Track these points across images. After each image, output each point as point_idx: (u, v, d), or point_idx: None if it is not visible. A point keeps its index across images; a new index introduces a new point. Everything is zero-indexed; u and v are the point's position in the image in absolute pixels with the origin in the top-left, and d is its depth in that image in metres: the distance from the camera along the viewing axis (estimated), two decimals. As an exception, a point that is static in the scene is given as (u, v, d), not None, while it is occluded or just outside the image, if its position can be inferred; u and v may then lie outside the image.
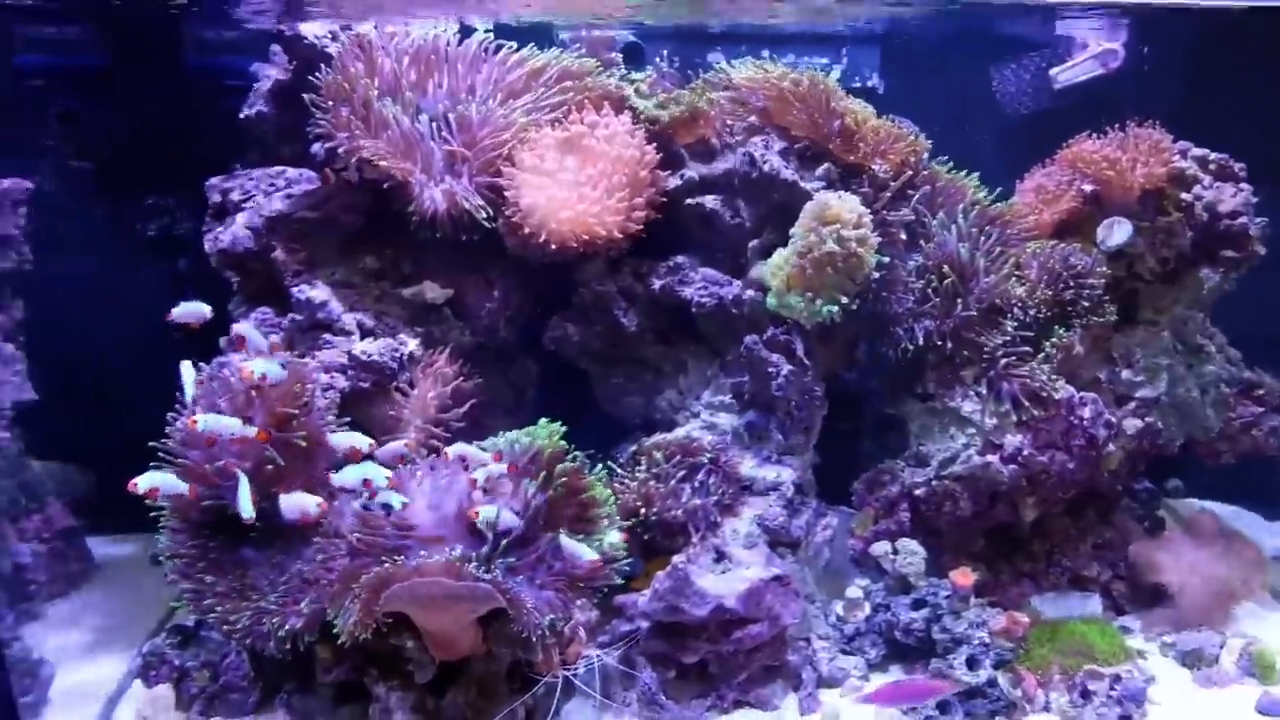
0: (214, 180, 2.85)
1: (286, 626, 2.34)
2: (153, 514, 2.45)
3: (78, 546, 3.23)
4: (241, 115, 2.89)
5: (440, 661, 2.43)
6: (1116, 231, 2.69)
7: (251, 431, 2.28)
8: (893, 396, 2.96)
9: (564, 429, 2.38)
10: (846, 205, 2.51)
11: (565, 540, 2.26)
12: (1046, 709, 2.65)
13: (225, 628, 2.41)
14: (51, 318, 3.09)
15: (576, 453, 2.38)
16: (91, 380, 3.33)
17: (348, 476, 2.28)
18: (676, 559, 2.53)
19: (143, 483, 2.30)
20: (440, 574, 2.22)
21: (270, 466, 2.42)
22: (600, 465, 2.45)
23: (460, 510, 2.35)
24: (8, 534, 2.90)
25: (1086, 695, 2.65)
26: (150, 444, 2.46)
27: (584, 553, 2.23)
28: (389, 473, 2.31)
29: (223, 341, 2.87)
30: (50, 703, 2.59)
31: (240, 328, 2.31)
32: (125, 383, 3.30)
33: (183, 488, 2.32)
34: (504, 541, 2.32)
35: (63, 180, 3.14)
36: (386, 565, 2.25)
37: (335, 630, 2.28)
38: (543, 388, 3.12)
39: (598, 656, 2.57)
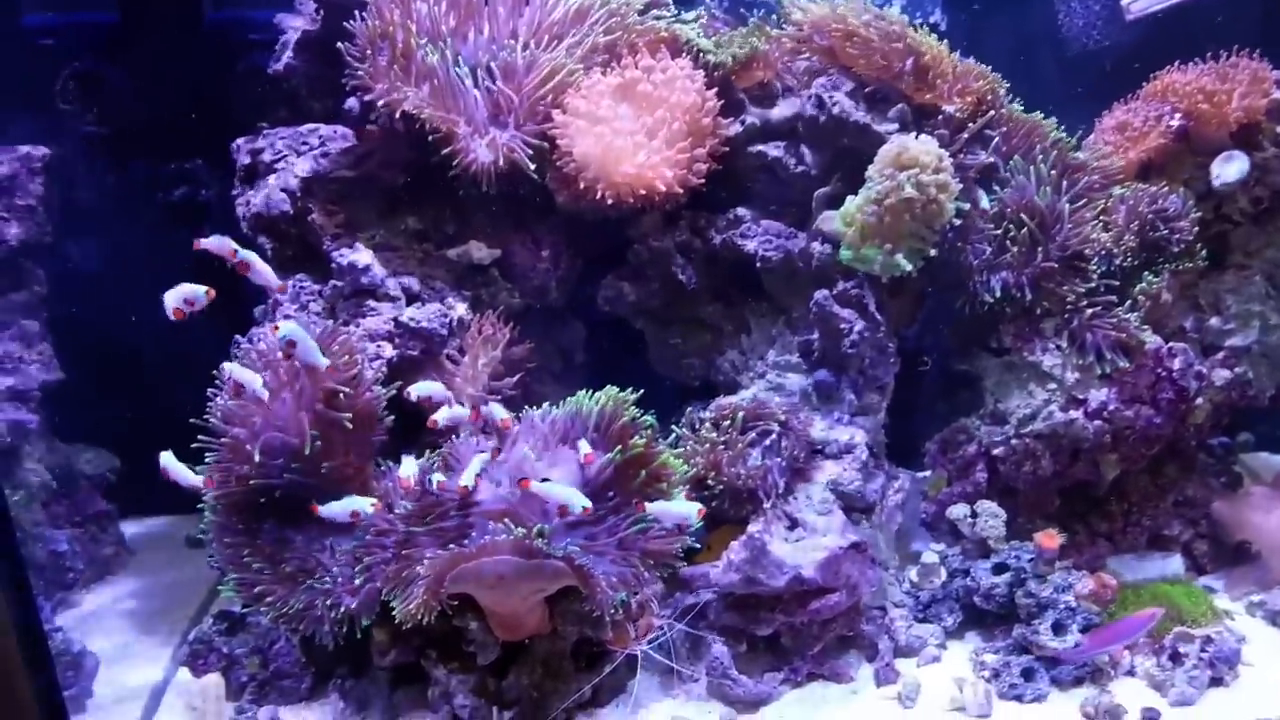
0: (241, 141, 2.68)
1: (341, 609, 2.21)
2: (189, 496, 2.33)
3: (111, 531, 3.11)
4: (269, 70, 2.71)
5: (503, 641, 2.31)
6: (1234, 165, 2.51)
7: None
8: (963, 352, 2.81)
9: (633, 395, 2.23)
10: (925, 148, 2.34)
11: (655, 505, 2.12)
12: (1131, 673, 2.53)
13: (276, 615, 2.28)
14: (73, 292, 2.94)
15: (647, 418, 2.23)
16: (116, 358, 3.19)
17: (334, 510, 2.17)
18: (752, 528, 2.39)
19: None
20: (509, 552, 2.09)
21: (320, 444, 2.28)
22: (671, 433, 2.31)
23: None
24: (41, 520, 2.76)
25: (1176, 658, 2.52)
26: (181, 423, 2.33)
27: (679, 509, 2.09)
28: (373, 501, 2.19)
29: (257, 312, 2.73)
30: (94, 695, 2.48)
31: (289, 329, 2.12)
32: (152, 359, 3.16)
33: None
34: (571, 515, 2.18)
35: (80, 146, 2.96)
36: (452, 546, 2.12)
37: (393, 612, 2.16)
38: (592, 351, 2.97)
39: (667, 630, 2.45)
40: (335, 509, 2.17)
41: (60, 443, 3.04)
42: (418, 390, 2.28)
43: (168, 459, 2.26)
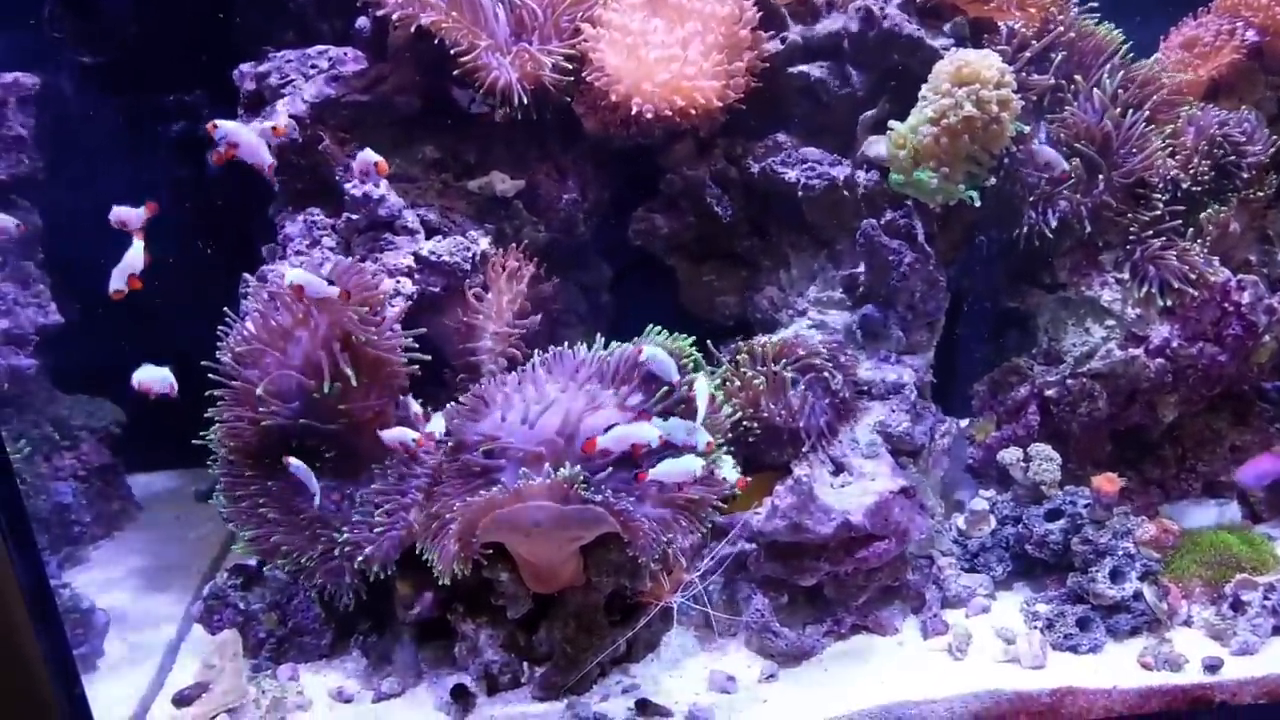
0: (245, 66, 2.50)
1: (361, 558, 2.09)
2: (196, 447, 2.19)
3: (117, 485, 2.98)
4: (273, -12, 2.52)
5: (533, 594, 2.19)
6: None
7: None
8: (1013, 288, 2.66)
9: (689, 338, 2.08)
10: (987, 61, 2.17)
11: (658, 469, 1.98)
12: (1188, 623, 2.42)
13: (293, 568, 2.16)
14: (68, 231, 2.77)
15: (694, 353, 2.09)
16: (114, 302, 3.04)
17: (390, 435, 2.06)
18: (798, 471, 2.26)
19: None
20: (545, 496, 1.96)
21: (337, 385, 2.14)
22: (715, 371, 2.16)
23: (562, 424, 2.07)
24: (44, 473, 2.62)
25: (1238, 606, 2.41)
26: (189, 371, 2.18)
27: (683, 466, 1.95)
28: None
29: (265, 250, 2.58)
30: (105, 654, 2.36)
31: (296, 275, 2.00)
32: (155, 305, 3.00)
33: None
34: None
35: (72, 76, 2.78)
36: (484, 491, 1.98)
37: (427, 563, 2.03)
38: (618, 289, 2.81)
39: (702, 582, 2.33)
40: (390, 435, 2.06)
41: (61, 393, 2.89)
42: None
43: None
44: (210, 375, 2.19)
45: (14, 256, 2.61)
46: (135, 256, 2.02)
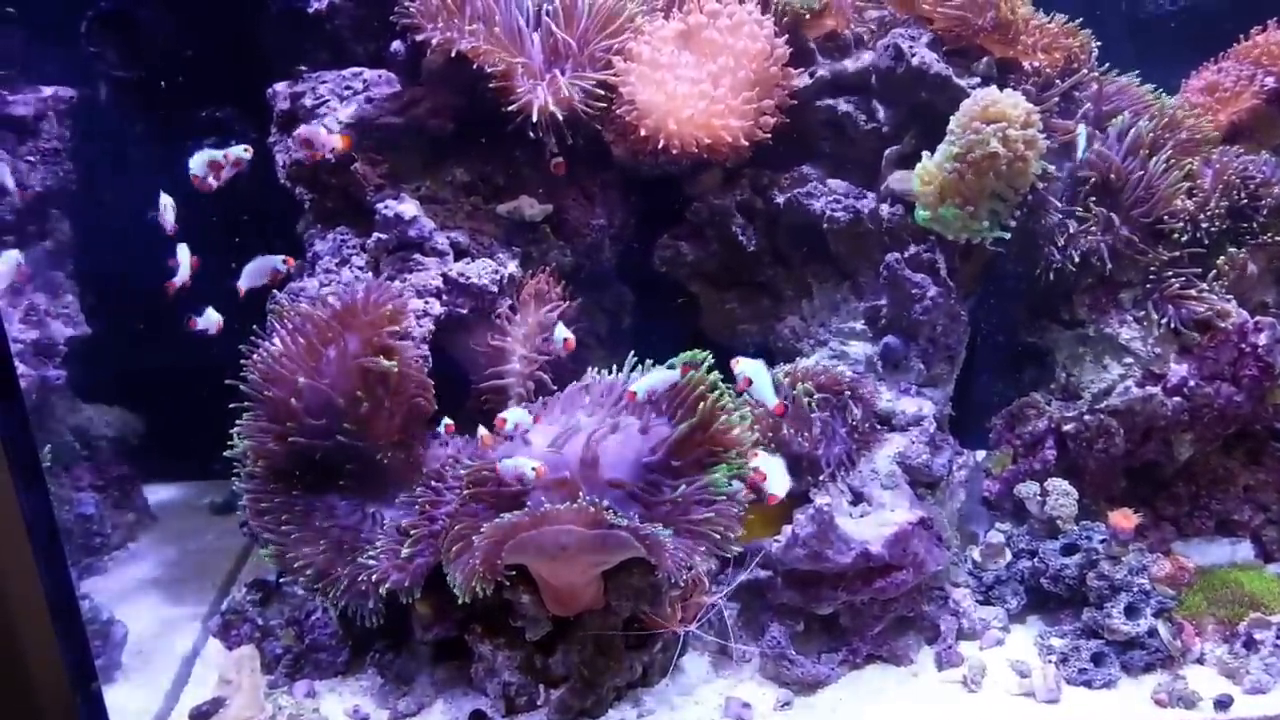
0: (280, 86, 2.54)
1: (389, 583, 2.10)
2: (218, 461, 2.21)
3: (133, 495, 2.99)
4: (309, 10, 2.55)
5: (552, 616, 2.20)
6: None
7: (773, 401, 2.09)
8: (1031, 323, 2.69)
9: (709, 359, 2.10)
10: (1014, 101, 2.21)
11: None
12: (1201, 661, 2.43)
13: (317, 587, 2.17)
14: (99, 244, 2.80)
15: (717, 382, 2.11)
16: (141, 313, 3.06)
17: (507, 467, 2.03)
18: (819, 500, 2.27)
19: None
20: (573, 521, 1.97)
21: (365, 404, 2.16)
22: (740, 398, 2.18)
23: (588, 450, 2.09)
24: (65, 483, 2.64)
25: (1251, 645, 2.43)
26: (209, 384, 2.21)
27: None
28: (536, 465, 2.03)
29: (293, 266, 2.60)
30: (123, 666, 2.36)
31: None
32: (178, 318, 3.03)
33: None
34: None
35: (108, 90, 2.81)
36: (511, 513, 2.00)
37: (449, 584, 2.04)
38: (639, 315, 2.84)
39: (718, 608, 2.35)
40: (508, 466, 2.03)
41: (82, 402, 2.91)
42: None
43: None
44: (229, 390, 2.20)
45: (44, 267, 2.63)
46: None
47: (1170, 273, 2.43)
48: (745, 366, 2.10)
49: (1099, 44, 2.58)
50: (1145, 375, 2.47)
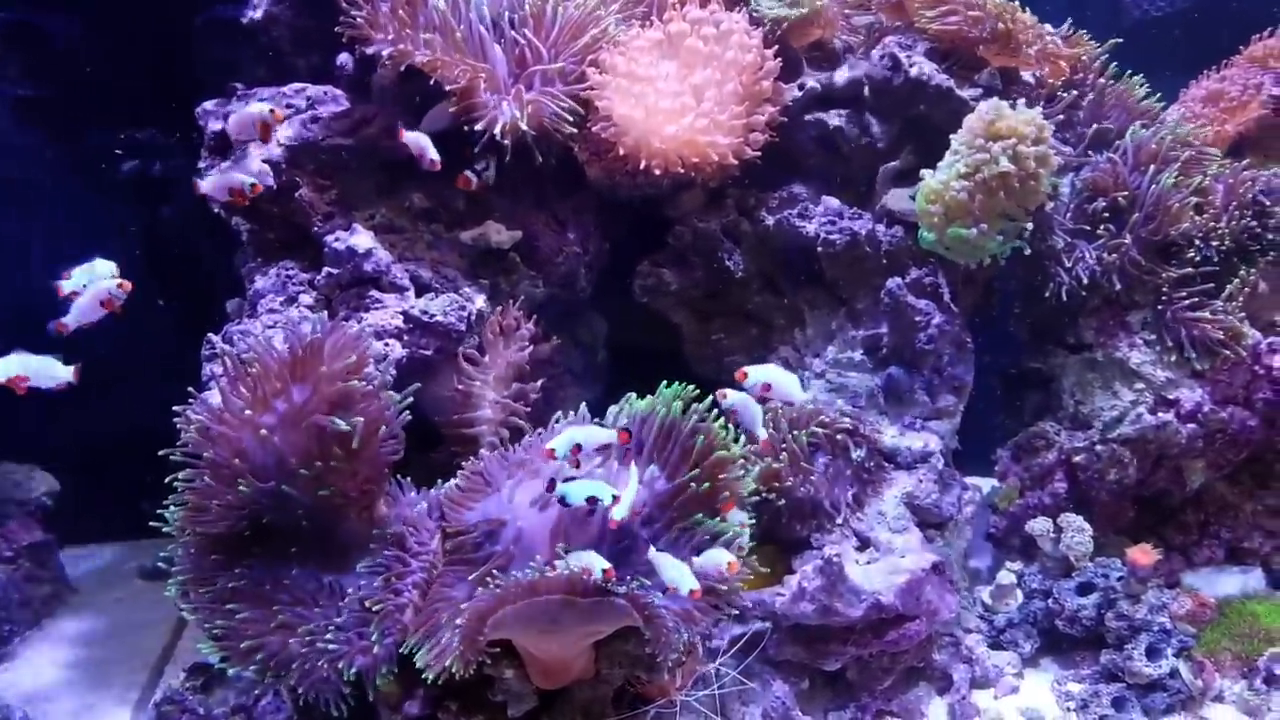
0: (210, 105, 2.27)
1: (354, 669, 1.83)
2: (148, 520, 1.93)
3: (49, 564, 2.66)
4: (242, 19, 2.29)
5: (537, 689, 1.97)
6: None
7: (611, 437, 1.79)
8: (1036, 348, 2.54)
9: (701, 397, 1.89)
10: (1024, 116, 2.06)
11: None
12: (1220, 699, 2.31)
13: (270, 675, 1.89)
14: (3, 283, 2.48)
15: (718, 427, 1.90)
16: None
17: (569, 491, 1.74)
18: (828, 551, 2.08)
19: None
20: (564, 589, 1.74)
21: (319, 463, 1.89)
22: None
23: (578, 508, 1.86)
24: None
25: (1272, 681, 2.31)
26: (137, 439, 1.93)
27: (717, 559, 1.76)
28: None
29: (231, 306, 2.32)
30: (39, 771, 2.06)
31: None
32: (100, 362, 2.71)
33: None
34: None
35: (12, 111, 2.49)
36: (494, 584, 1.76)
37: (417, 664, 1.80)
38: (616, 347, 2.62)
39: (714, 677, 2.14)
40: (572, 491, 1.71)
41: (-11, 463, 2.58)
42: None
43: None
44: (155, 441, 1.92)
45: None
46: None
47: (1182, 292, 2.30)
48: (734, 399, 1.90)
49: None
50: (1158, 401, 2.35)
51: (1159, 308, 2.33)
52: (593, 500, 1.74)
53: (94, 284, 1.86)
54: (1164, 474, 2.47)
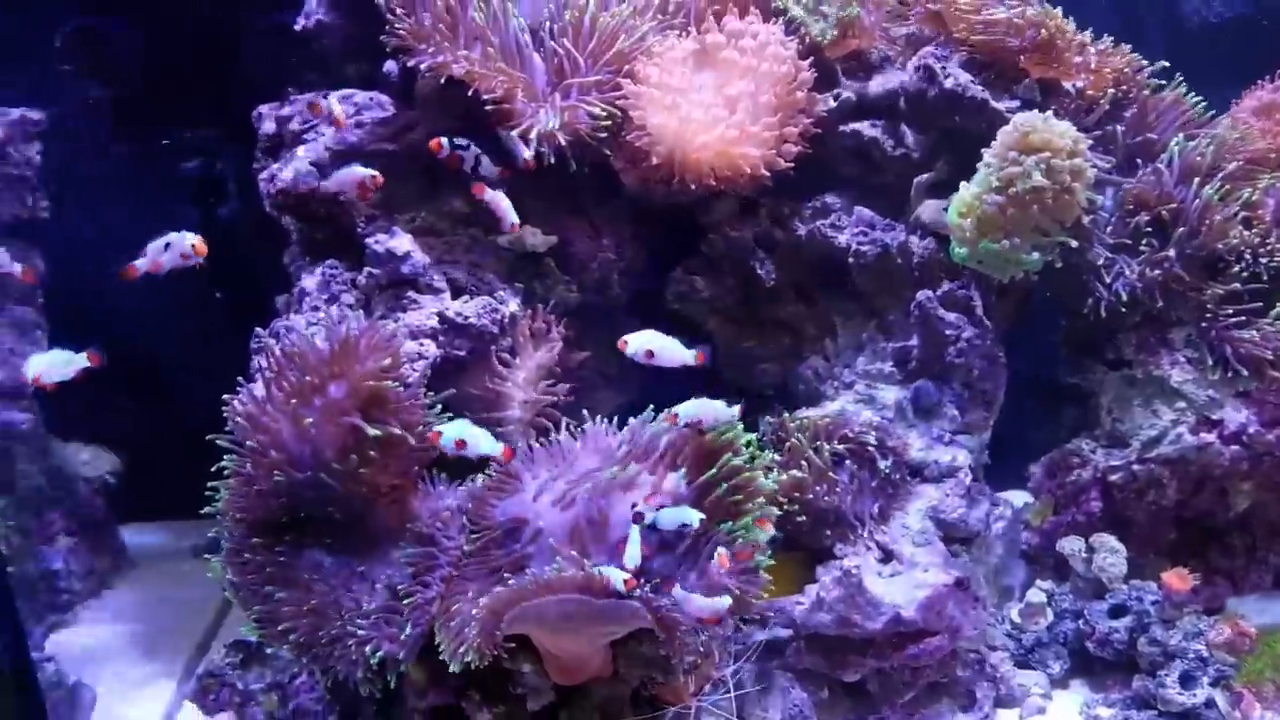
0: (265, 108, 2.37)
1: (380, 654, 1.92)
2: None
3: (109, 539, 2.82)
4: (296, 27, 2.38)
5: (555, 685, 2.02)
6: None
7: (498, 450, 1.90)
8: (1073, 363, 2.50)
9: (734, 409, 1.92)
10: (1059, 128, 2.03)
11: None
12: (1260, 729, 2.24)
13: (303, 655, 1.99)
14: (73, 276, 2.62)
15: (744, 433, 1.93)
16: (119, 347, 2.89)
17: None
18: (847, 562, 2.10)
19: None
20: (578, 589, 1.79)
21: (353, 457, 1.98)
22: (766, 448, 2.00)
23: (597, 507, 1.91)
24: (33, 530, 2.46)
25: (1315, 714, 2.24)
26: (191, 419, 2.03)
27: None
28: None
29: (280, 301, 2.43)
30: (91, 734, 2.19)
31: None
32: (159, 351, 2.86)
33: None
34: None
35: (82, 112, 2.64)
36: (511, 580, 1.82)
37: (440, 653, 1.87)
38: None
39: (730, 682, 2.17)
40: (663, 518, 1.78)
41: (57, 441, 2.74)
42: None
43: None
44: (213, 426, 2.03)
45: (11, 303, 2.46)
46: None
47: (1228, 310, 2.24)
48: (687, 410, 1.88)
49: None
50: (1199, 421, 2.29)
51: (1203, 325, 2.27)
52: (684, 526, 1.80)
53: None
54: (1207, 496, 2.41)
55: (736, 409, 1.88)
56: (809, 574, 2.25)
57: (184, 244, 1.96)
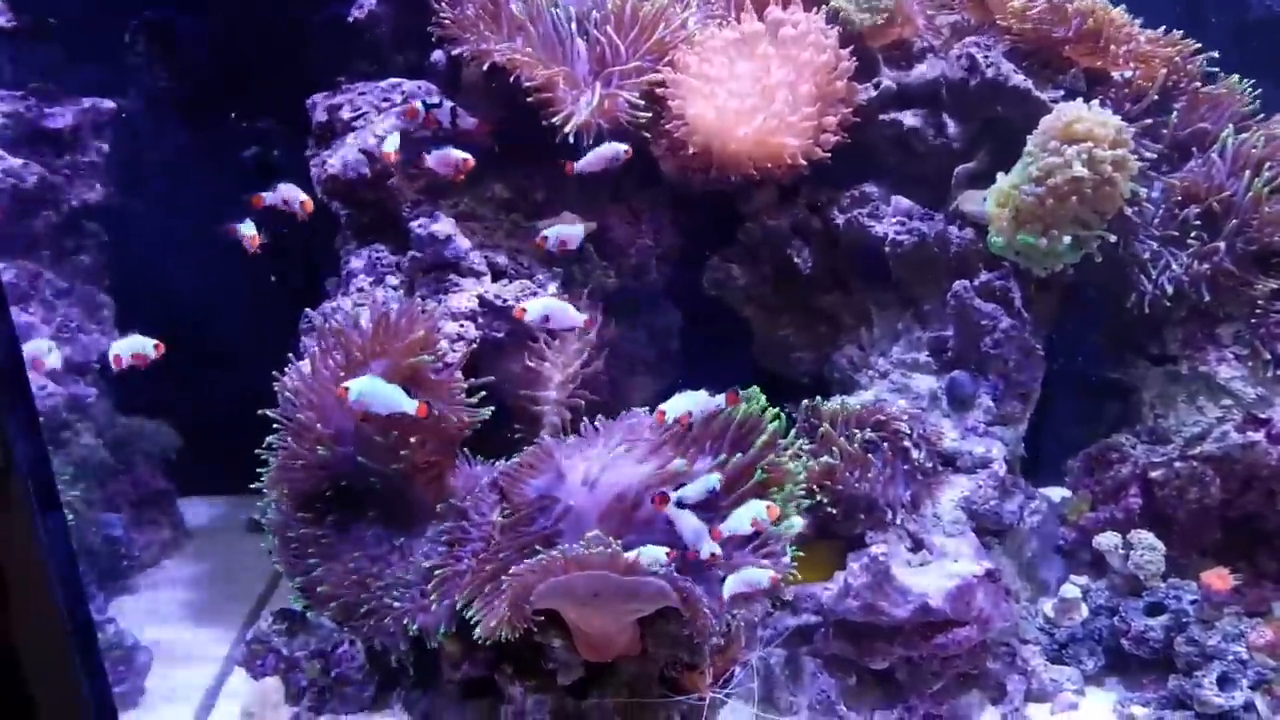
0: (318, 97, 2.45)
1: (416, 625, 1.99)
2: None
3: (169, 511, 2.94)
4: (349, 18, 2.46)
5: (585, 661, 2.07)
6: None
7: (411, 407, 1.89)
8: (1115, 357, 2.46)
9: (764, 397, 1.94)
10: (1101, 118, 2.00)
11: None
12: (1295, 729, 2.19)
13: (343, 623, 2.07)
14: (137, 258, 2.75)
15: (776, 417, 1.95)
16: (179, 327, 3.01)
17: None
18: (875, 549, 2.10)
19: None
20: (606, 567, 1.83)
21: (394, 433, 2.05)
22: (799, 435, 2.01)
23: (626, 487, 1.95)
24: (97, 500, 2.59)
25: (1360, 722, 2.18)
26: (247, 397, 2.12)
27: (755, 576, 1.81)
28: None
29: (329, 284, 2.51)
30: (146, 692, 2.30)
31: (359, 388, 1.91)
32: (216, 330, 2.97)
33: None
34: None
35: (149, 102, 2.76)
36: (541, 556, 1.87)
37: (473, 625, 1.93)
38: (688, 340, 2.68)
39: (755, 669, 2.20)
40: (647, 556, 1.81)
41: (120, 416, 2.87)
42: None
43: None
44: (268, 403, 2.12)
45: (80, 283, 2.59)
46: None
47: (1278, 305, 2.19)
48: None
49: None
50: (1246, 419, 2.24)
51: (1253, 321, 2.22)
52: (711, 491, 1.83)
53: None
54: (1255, 496, 2.35)
55: (721, 398, 1.87)
56: (841, 561, 2.26)
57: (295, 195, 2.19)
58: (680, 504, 1.84)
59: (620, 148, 2.14)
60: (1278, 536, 2.46)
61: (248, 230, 2.20)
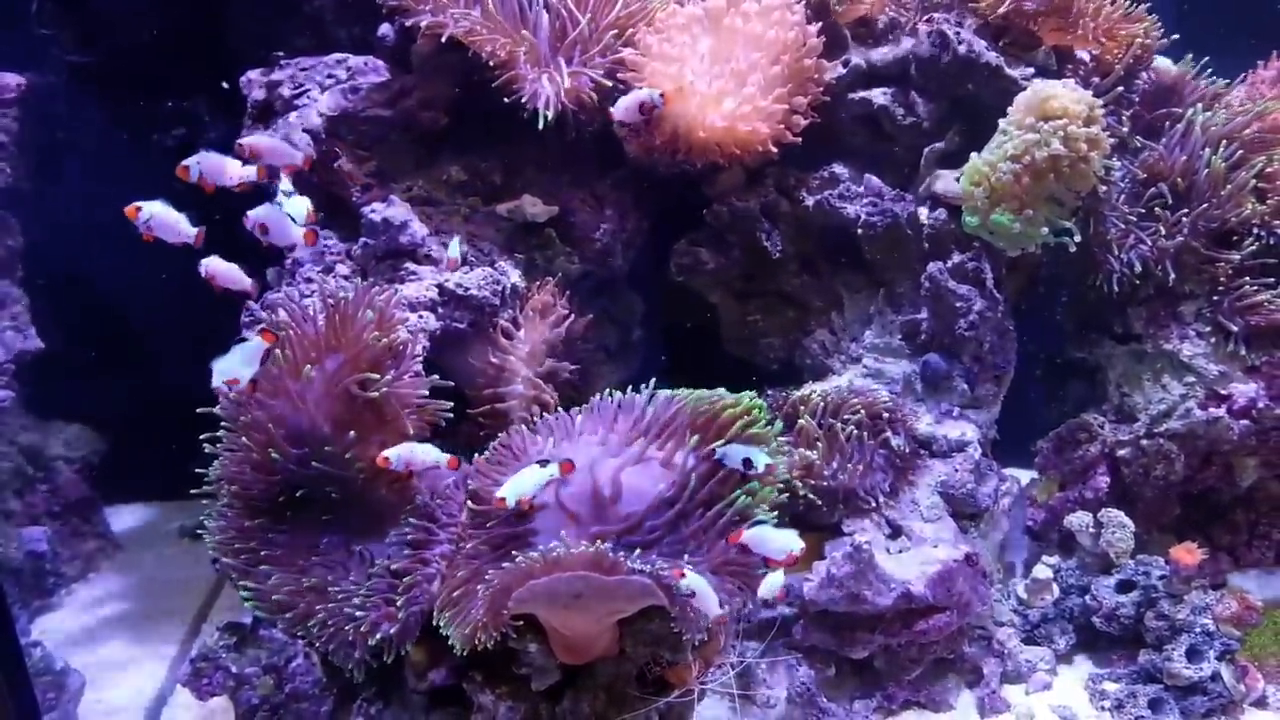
0: (254, 74, 2.28)
1: (378, 635, 1.86)
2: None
3: (94, 521, 2.74)
4: (287, -11, 2.30)
5: (560, 664, 1.98)
6: None
7: (444, 460, 1.84)
8: (1080, 337, 2.47)
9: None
10: (1075, 95, 1.98)
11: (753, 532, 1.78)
12: (1262, 704, 2.24)
13: (300, 634, 1.93)
14: (52, 248, 2.53)
15: (757, 402, 1.88)
16: (101, 322, 2.80)
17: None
18: (858, 537, 2.06)
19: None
20: (588, 566, 1.74)
21: (351, 432, 1.92)
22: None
23: (601, 482, 1.86)
24: (15, 512, 2.38)
25: (1319, 687, 2.24)
26: (178, 398, 1.96)
27: (781, 540, 1.75)
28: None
29: (270, 273, 2.35)
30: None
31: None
32: (144, 325, 2.78)
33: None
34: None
35: (62, 77, 2.54)
36: (519, 558, 1.76)
37: (443, 634, 1.82)
38: (651, 327, 2.60)
39: (736, 665, 2.15)
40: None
41: (37, 420, 2.65)
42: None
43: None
44: (201, 402, 1.96)
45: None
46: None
47: (1239, 283, 2.21)
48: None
49: (1185, 29, 2.35)
50: (1209, 396, 2.27)
51: (1215, 299, 2.25)
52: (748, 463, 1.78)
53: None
54: (1214, 471, 2.39)
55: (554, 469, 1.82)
56: (818, 551, 2.22)
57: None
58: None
59: (654, 93, 2.01)
60: (1232, 511, 2.52)
61: (144, 215, 1.83)
